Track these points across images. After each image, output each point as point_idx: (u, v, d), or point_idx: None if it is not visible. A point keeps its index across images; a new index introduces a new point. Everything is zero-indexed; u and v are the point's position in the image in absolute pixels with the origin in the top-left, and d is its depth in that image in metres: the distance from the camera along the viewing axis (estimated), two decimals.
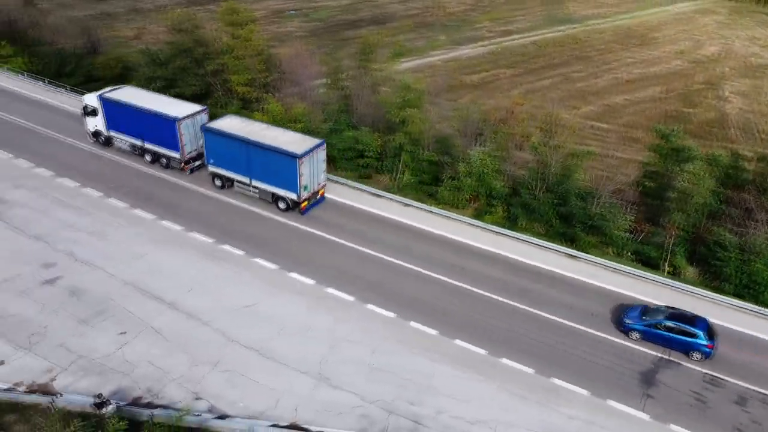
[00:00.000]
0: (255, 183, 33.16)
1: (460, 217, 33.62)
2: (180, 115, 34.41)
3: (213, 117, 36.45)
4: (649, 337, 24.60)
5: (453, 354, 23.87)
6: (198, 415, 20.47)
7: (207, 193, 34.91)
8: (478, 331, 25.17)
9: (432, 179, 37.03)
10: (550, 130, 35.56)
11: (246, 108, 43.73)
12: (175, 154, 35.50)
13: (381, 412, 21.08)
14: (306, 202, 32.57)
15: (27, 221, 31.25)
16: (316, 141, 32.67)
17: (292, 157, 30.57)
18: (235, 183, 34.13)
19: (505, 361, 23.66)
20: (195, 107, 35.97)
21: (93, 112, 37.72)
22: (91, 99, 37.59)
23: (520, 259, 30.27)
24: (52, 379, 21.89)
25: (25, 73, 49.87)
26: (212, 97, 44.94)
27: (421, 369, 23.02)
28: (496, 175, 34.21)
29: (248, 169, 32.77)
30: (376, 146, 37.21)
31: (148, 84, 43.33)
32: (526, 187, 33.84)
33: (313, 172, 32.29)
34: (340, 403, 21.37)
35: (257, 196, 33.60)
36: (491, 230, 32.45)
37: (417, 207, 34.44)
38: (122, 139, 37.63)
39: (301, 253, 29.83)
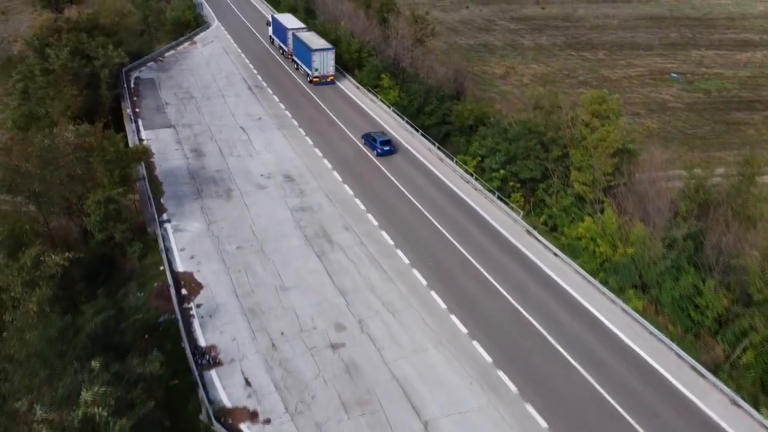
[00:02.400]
0: (301, 65, 63.62)
1: None
2: (314, 47, 60.08)
3: None
4: (366, 142, 47.22)
5: None
6: None
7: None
8: None
9: None
10: None
11: (580, 208, 40.13)
12: (308, 71, 61.75)
13: None
14: (317, 79, 60.50)
15: (341, 269, 34.46)
16: (329, 46, 60.75)
17: (310, 50, 59.30)
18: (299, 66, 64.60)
19: None
20: (325, 44, 61.58)
21: (268, 23, 73.08)
22: (270, 17, 73.68)
23: None
24: None
25: (392, 107, 55.53)
26: (546, 181, 42.47)
27: None
28: None
29: (301, 57, 62.99)
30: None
31: (491, 153, 43.67)
32: None
33: (323, 63, 59.95)
34: None
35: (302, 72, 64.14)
36: None
37: None
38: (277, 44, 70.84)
39: None
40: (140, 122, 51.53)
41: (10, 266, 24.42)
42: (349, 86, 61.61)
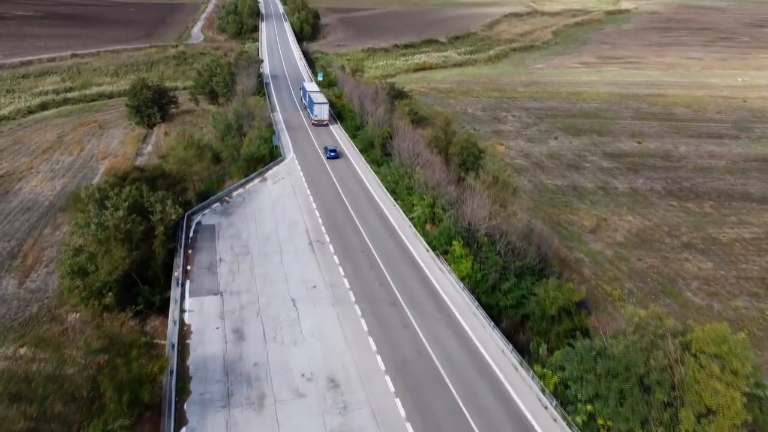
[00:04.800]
0: (309, 111, 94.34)
1: None
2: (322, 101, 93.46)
3: None
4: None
5: None
6: None
7: None
8: None
9: None
10: None
11: None
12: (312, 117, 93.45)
13: None
14: (317, 122, 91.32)
15: None
16: (325, 101, 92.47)
17: (313, 102, 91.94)
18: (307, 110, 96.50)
19: None
20: (324, 99, 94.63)
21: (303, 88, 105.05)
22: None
23: None
24: None
25: (462, 282, 48.96)
26: (646, 426, 33.28)
27: None
28: None
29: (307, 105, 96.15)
30: None
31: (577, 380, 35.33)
32: None
33: (322, 111, 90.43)
34: None
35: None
36: None
37: None
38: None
39: None
40: (187, 286, 47.81)
41: None
42: (419, 249, 55.80)
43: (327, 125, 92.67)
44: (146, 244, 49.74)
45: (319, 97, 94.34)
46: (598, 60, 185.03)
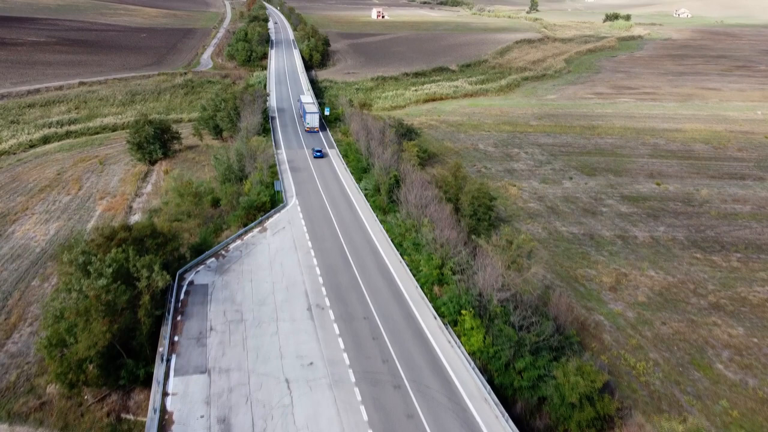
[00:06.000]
0: (303, 119, 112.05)
1: None
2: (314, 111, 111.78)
3: None
4: None
5: None
6: None
7: None
8: None
9: None
10: None
11: None
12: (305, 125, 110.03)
13: None
14: (309, 128, 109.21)
15: None
16: (316, 111, 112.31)
17: (306, 111, 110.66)
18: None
19: None
20: (315, 110, 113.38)
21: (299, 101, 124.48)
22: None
23: None
24: None
25: (472, 358, 44.68)
26: None
27: None
28: None
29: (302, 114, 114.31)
30: None
31: None
32: None
33: (313, 120, 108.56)
34: None
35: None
36: None
37: None
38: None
39: None
40: (173, 361, 43.88)
41: None
42: (426, 316, 51.62)
43: (318, 132, 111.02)
44: (131, 313, 46.09)
45: (311, 108, 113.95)
46: (613, 90, 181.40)
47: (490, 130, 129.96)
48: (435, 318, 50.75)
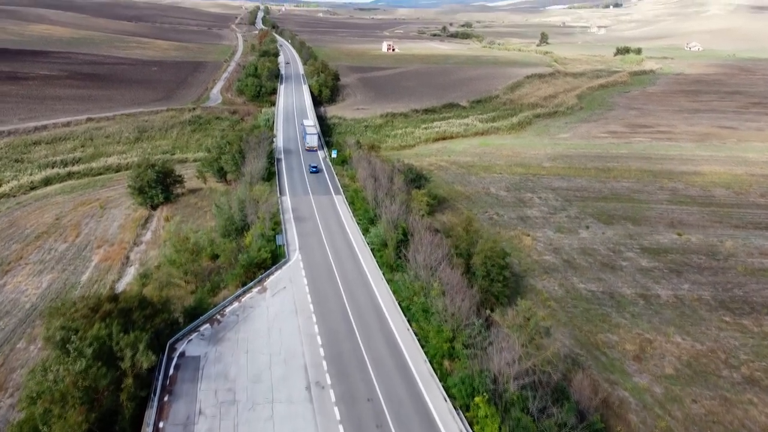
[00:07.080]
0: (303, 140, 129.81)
1: None
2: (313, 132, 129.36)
3: None
4: None
5: None
6: None
7: None
8: None
9: None
10: None
11: None
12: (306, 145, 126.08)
13: None
14: (308, 148, 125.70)
15: None
16: (315, 132, 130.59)
17: (306, 133, 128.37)
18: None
19: None
20: (315, 131, 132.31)
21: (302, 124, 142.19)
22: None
23: None
24: None
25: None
26: None
27: None
28: None
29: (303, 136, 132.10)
30: None
31: None
32: None
33: (312, 140, 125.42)
34: None
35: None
36: None
37: None
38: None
39: None
40: None
41: None
42: (435, 398, 47.16)
43: (316, 151, 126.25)
44: (113, 395, 42.17)
45: (311, 129, 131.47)
46: (627, 129, 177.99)
47: (502, 172, 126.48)
48: (445, 400, 46.31)
